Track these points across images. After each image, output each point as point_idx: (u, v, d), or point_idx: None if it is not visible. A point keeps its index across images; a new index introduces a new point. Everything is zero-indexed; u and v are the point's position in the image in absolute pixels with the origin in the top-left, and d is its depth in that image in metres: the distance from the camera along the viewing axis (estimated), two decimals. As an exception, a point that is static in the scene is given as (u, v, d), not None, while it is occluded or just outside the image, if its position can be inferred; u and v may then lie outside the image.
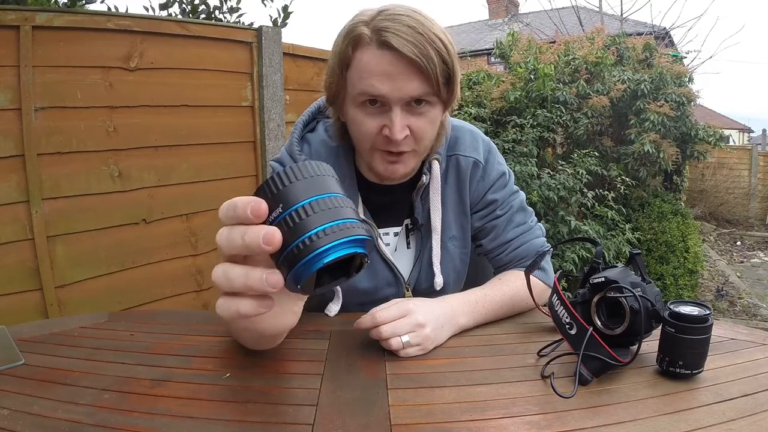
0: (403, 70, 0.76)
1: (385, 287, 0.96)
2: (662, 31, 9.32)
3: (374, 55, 0.76)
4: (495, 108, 3.86)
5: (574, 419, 0.59)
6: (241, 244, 0.42)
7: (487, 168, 0.97)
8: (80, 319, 0.91)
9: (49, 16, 1.77)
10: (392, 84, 0.76)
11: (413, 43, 0.74)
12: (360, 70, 0.78)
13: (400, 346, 0.75)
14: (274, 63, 2.44)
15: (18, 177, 1.73)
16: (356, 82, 0.79)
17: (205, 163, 2.25)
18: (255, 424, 0.59)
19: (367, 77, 0.77)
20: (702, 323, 0.67)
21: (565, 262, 3.07)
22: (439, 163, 0.94)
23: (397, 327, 0.76)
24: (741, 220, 8.44)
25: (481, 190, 0.97)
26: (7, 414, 0.60)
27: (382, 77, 0.76)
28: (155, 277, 2.09)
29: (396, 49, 0.74)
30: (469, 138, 0.98)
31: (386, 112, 0.79)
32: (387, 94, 0.77)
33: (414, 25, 0.75)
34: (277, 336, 0.68)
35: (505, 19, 14.98)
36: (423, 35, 0.75)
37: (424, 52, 0.75)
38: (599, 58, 4.09)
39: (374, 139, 0.81)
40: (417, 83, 0.77)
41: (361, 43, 0.77)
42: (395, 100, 0.78)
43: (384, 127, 0.80)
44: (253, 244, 0.41)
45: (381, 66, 0.76)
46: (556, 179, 3.32)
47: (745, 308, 4.26)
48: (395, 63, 0.75)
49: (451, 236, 0.98)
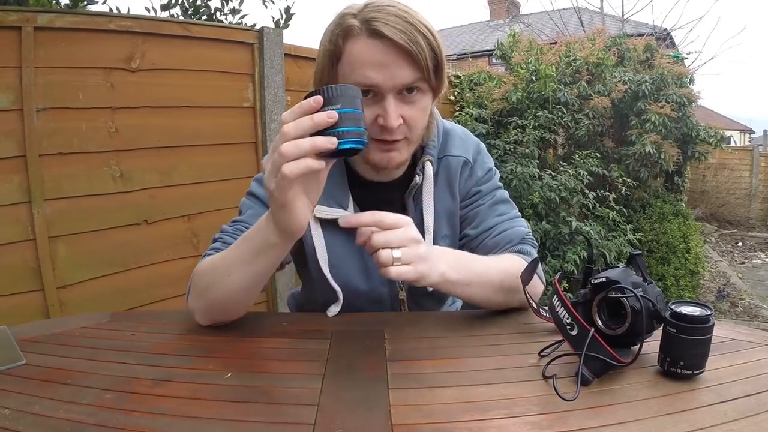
0: (394, 58, 0.77)
1: (379, 286, 0.97)
2: (663, 32, 9.32)
3: (366, 45, 0.78)
4: (496, 109, 3.86)
5: (575, 419, 0.59)
6: (310, 124, 0.62)
7: (475, 166, 1.00)
8: (82, 319, 0.91)
9: (51, 17, 1.78)
10: (385, 72, 0.78)
11: (402, 30, 0.76)
12: (352, 61, 0.79)
13: (389, 260, 0.71)
14: (275, 64, 2.44)
15: (20, 178, 1.73)
16: (348, 74, 0.80)
17: (207, 163, 2.25)
18: (256, 423, 0.59)
19: (359, 68, 0.78)
20: (703, 324, 0.66)
21: (566, 263, 3.07)
22: (432, 165, 0.95)
23: (391, 238, 0.72)
24: (742, 221, 8.42)
25: (469, 186, 1.00)
26: (9, 414, 0.60)
27: (374, 66, 0.77)
28: (157, 277, 2.09)
29: (387, 38, 0.76)
30: (459, 140, 1.01)
31: (379, 102, 0.80)
32: (381, 83, 0.78)
33: (401, 14, 0.77)
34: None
35: (506, 20, 14.99)
36: (411, 24, 0.77)
37: (413, 39, 0.76)
38: (600, 59, 4.09)
39: (369, 129, 0.81)
40: (408, 71, 0.78)
41: (351, 34, 0.79)
42: (388, 89, 0.79)
43: (378, 117, 0.81)
44: (321, 120, 0.62)
45: (373, 55, 0.77)
46: (558, 180, 3.31)
47: (746, 309, 4.25)
48: (386, 51, 0.77)
49: (443, 235, 0.99)
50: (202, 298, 0.84)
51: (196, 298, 0.85)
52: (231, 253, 0.81)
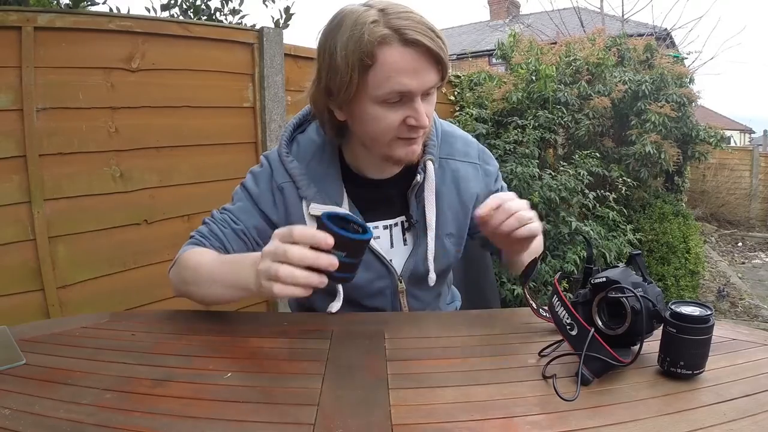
0: (425, 64, 0.81)
1: (376, 279, 0.99)
2: (663, 32, 9.31)
3: (401, 53, 0.80)
4: (496, 109, 3.85)
5: (575, 419, 0.59)
6: (311, 262, 0.70)
7: (487, 168, 1.08)
8: (82, 319, 0.92)
9: (51, 17, 1.77)
10: (418, 78, 0.81)
11: (430, 37, 0.80)
12: (387, 69, 0.80)
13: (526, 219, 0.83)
14: (275, 64, 2.44)
15: (20, 177, 1.73)
16: (383, 82, 0.81)
17: (207, 163, 2.25)
18: (256, 423, 0.59)
19: (395, 75, 0.80)
20: (703, 324, 0.67)
21: (566, 263, 3.07)
22: (433, 164, 0.99)
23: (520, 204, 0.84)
24: (742, 221, 8.42)
25: (488, 185, 1.07)
26: (9, 414, 0.60)
27: (409, 73, 0.80)
28: (157, 277, 2.08)
29: (422, 45, 0.79)
30: (461, 144, 1.06)
31: (407, 104, 0.84)
32: (415, 89, 0.82)
33: (423, 20, 0.81)
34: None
35: (507, 20, 14.97)
36: (433, 29, 0.81)
37: (439, 45, 0.81)
38: (600, 59, 4.08)
39: (397, 129, 0.86)
40: (434, 74, 0.83)
41: (385, 43, 0.79)
42: (418, 92, 0.83)
43: (408, 118, 0.84)
44: (323, 263, 0.70)
45: (408, 63, 0.80)
46: (558, 180, 3.31)
47: (746, 309, 4.25)
48: (419, 58, 0.80)
49: (448, 233, 1.02)
50: (183, 286, 0.94)
51: (178, 281, 0.95)
52: (216, 269, 0.88)
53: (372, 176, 0.99)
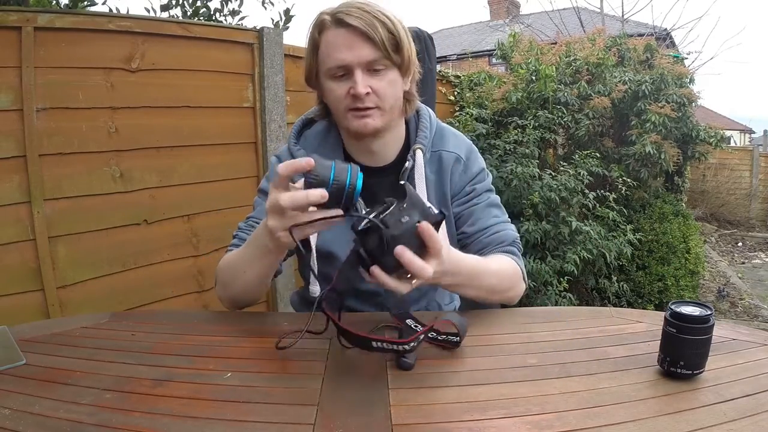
0: (356, 39, 0.93)
1: None
2: (663, 32, 9.31)
3: (335, 33, 0.94)
4: (496, 109, 3.85)
5: (574, 419, 0.59)
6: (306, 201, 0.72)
7: (469, 163, 1.10)
8: (81, 319, 0.92)
9: (51, 17, 1.77)
10: (351, 52, 0.93)
11: (360, 18, 0.92)
12: (327, 48, 0.95)
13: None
14: (275, 64, 2.44)
15: (20, 177, 1.73)
16: (326, 59, 0.96)
17: (207, 163, 2.25)
18: (256, 423, 0.59)
19: (332, 52, 0.95)
20: (703, 323, 0.67)
21: (566, 263, 3.07)
22: (422, 152, 1.05)
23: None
24: (742, 221, 8.42)
25: (463, 182, 1.09)
26: (9, 414, 0.60)
27: (342, 48, 0.94)
28: (156, 277, 2.09)
29: (350, 25, 0.92)
30: (452, 138, 1.12)
31: (351, 77, 0.95)
32: (349, 61, 0.94)
33: (361, 6, 0.94)
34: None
35: (507, 20, 14.97)
36: (369, 12, 0.93)
37: (370, 23, 0.92)
38: (600, 59, 4.08)
39: (345, 101, 0.96)
40: (368, 49, 0.93)
41: (324, 27, 0.96)
42: (355, 65, 0.94)
43: (350, 89, 0.95)
44: (314, 199, 0.71)
45: (341, 40, 0.94)
46: (558, 180, 3.31)
47: (746, 309, 4.25)
48: (350, 35, 0.93)
49: None
50: (226, 291, 1.00)
51: (222, 289, 1.01)
52: (241, 253, 0.95)
53: (367, 164, 1.04)
